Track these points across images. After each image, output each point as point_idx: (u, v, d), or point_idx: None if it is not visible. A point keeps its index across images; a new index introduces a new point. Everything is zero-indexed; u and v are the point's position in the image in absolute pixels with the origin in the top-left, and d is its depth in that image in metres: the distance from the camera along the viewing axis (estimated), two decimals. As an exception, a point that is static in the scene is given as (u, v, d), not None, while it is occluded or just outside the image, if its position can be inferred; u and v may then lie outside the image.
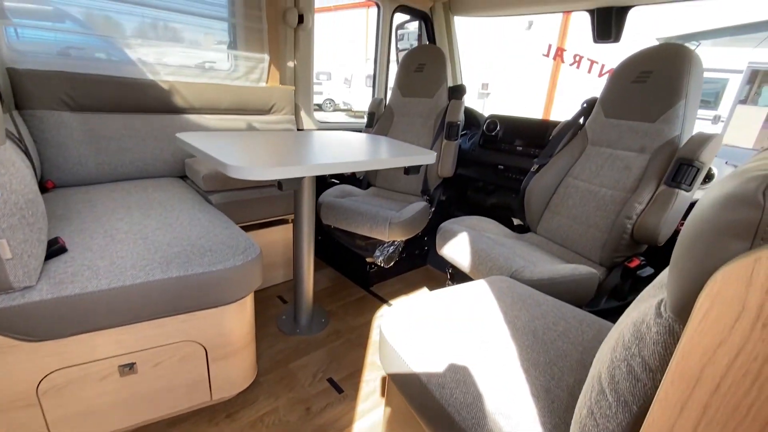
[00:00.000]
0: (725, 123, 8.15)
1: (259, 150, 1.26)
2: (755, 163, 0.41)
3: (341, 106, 15.34)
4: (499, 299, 0.99)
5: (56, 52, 1.59)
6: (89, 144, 1.58)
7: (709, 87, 8.67)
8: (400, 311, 0.92)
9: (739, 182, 0.36)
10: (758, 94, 8.75)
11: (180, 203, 1.43)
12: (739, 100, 8.31)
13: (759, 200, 0.32)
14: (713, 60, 8.61)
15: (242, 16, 1.96)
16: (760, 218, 0.32)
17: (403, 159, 1.32)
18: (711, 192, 0.42)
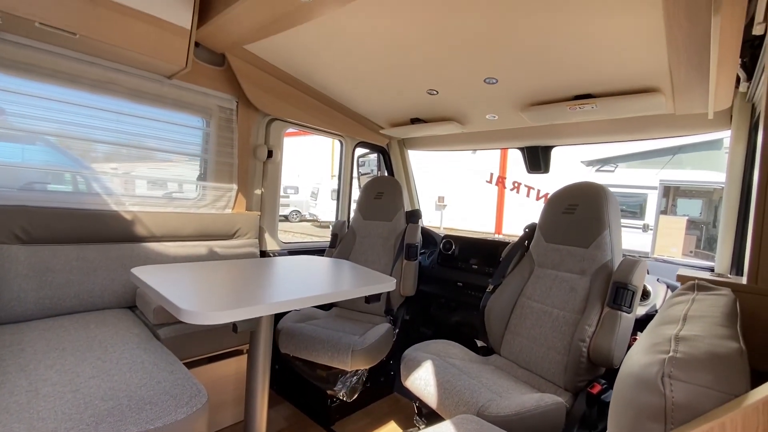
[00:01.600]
0: (653, 231, 9.18)
1: (216, 285, 1.25)
2: (662, 330, 0.47)
3: (307, 217, 15.86)
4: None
5: (18, 187, 1.61)
6: (33, 278, 1.49)
7: (632, 201, 9.94)
8: None
9: (645, 362, 0.41)
10: (674, 205, 10.17)
11: (123, 342, 1.32)
12: (660, 211, 9.55)
13: (659, 388, 0.37)
14: (631, 178, 10.12)
15: (215, 153, 2.13)
16: (664, 405, 0.36)
17: (365, 288, 1.35)
18: (633, 357, 0.47)
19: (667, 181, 9.74)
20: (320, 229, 14.72)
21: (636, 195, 9.92)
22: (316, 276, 1.53)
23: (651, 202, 9.74)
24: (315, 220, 15.59)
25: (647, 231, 9.37)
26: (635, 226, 9.43)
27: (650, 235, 9.21)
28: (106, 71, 1.72)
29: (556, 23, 1.29)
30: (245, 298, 1.10)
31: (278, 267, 1.64)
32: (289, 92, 2.27)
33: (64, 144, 1.73)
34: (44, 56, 1.57)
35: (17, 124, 1.58)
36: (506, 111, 2.11)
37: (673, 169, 10.16)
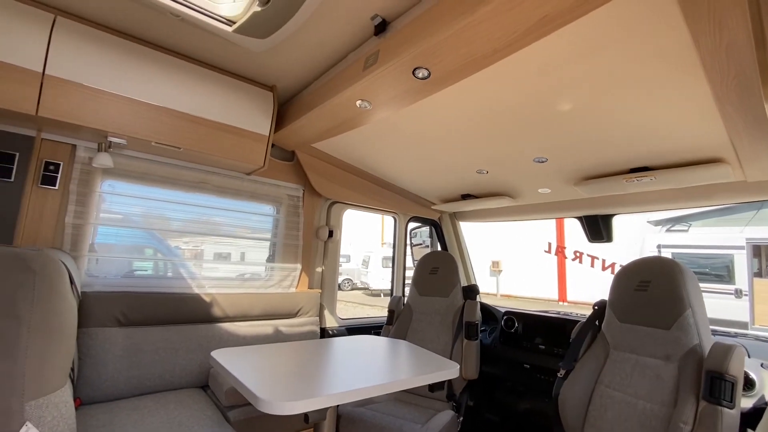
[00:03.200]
0: (749, 296, 8.00)
1: (286, 370, 1.31)
2: None
3: (359, 285, 15.94)
4: None
5: (122, 275, 1.87)
6: (126, 359, 1.66)
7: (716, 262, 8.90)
8: None
9: None
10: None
11: (198, 425, 1.39)
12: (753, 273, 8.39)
13: None
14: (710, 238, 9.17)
15: (282, 236, 2.34)
16: None
17: (428, 377, 1.33)
18: None
19: (756, 240, 8.68)
20: (371, 297, 14.65)
21: (719, 256, 8.90)
22: (377, 360, 1.54)
23: (739, 264, 8.65)
24: (366, 288, 15.63)
25: (741, 297, 8.19)
26: (726, 291, 8.32)
27: (745, 301, 8.03)
28: (200, 173, 2.04)
29: (604, 102, 1.36)
30: (315, 387, 1.14)
31: (340, 350, 1.68)
32: (348, 178, 2.49)
33: (161, 234, 2.02)
34: (155, 166, 1.91)
35: (129, 219, 1.90)
36: (559, 185, 2.13)
37: (759, 225, 9.10)
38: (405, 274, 3.01)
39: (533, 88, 1.31)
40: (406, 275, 3.01)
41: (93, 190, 1.76)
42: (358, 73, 1.41)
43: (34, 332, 0.84)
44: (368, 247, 16.54)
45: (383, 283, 15.11)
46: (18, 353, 0.81)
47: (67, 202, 1.69)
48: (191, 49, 1.71)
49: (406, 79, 1.31)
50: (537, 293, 11.36)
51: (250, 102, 1.92)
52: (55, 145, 1.67)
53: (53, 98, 1.44)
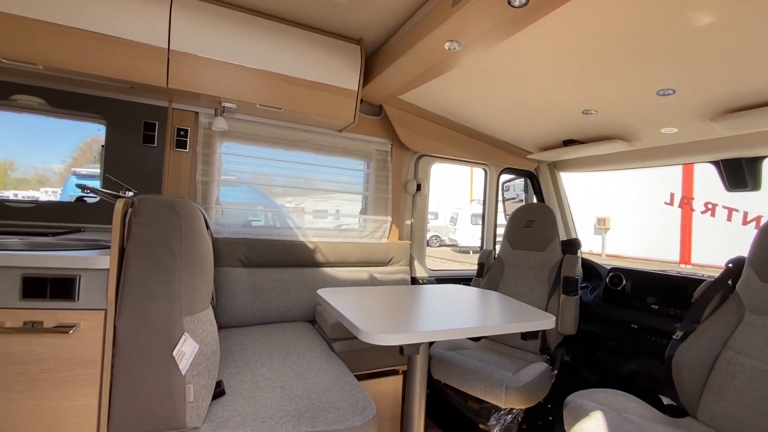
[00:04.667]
0: None
1: (382, 309, 1.41)
2: None
3: (447, 242, 16.00)
4: None
5: (241, 224, 2.17)
6: (250, 293, 1.97)
7: None
8: None
9: None
10: None
11: (310, 350, 1.61)
12: None
13: None
14: None
15: (373, 190, 2.43)
16: None
17: (522, 325, 1.32)
18: None
19: None
20: (459, 254, 14.64)
21: None
22: (469, 307, 1.56)
23: None
24: (455, 245, 15.61)
25: None
26: None
27: None
28: (298, 132, 2.20)
29: (757, 11, 1.07)
30: (410, 324, 1.22)
31: (431, 295, 1.74)
32: (436, 130, 2.44)
33: (267, 190, 2.27)
34: (260, 127, 2.12)
35: (242, 177, 2.16)
36: (689, 122, 1.79)
37: None
38: (496, 229, 2.92)
39: (659, 1, 1.08)
40: (497, 231, 2.92)
41: (214, 151, 2.03)
42: (446, 10, 1.32)
43: (185, 263, 1.04)
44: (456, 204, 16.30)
45: (472, 240, 14.92)
46: (175, 279, 1.02)
47: (196, 163, 1.99)
48: (283, 8, 1.78)
49: (500, 10, 1.19)
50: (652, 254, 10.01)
51: (340, 58, 1.96)
52: (183, 113, 1.95)
53: (178, 71, 1.66)
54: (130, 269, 0.99)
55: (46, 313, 0.96)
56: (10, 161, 3.61)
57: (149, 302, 1.00)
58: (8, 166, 3.42)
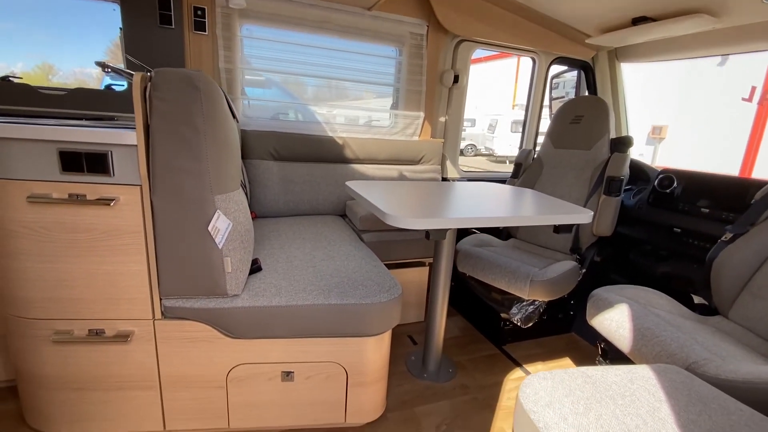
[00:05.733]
0: None
1: (410, 200, 1.39)
2: None
3: (483, 152, 15.38)
4: (669, 395, 0.82)
5: (269, 117, 2.12)
6: (282, 186, 2.00)
7: None
8: (543, 382, 0.86)
9: None
10: None
11: (340, 239, 1.67)
12: None
13: None
14: None
15: (405, 81, 2.24)
16: None
17: (555, 217, 1.26)
18: None
19: None
20: (496, 164, 14.15)
21: None
22: (501, 201, 1.51)
23: None
24: (491, 154, 15.01)
25: None
26: None
27: None
28: (322, 11, 1.98)
29: None
30: (436, 213, 1.20)
31: (462, 190, 1.70)
32: (479, 8, 2.12)
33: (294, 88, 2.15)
34: (281, 4, 1.91)
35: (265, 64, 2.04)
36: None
37: None
38: (538, 129, 2.70)
39: None
40: (539, 130, 2.70)
41: (234, 34, 1.89)
42: None
43: (210, 140, 1.02)
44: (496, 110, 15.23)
45: (510, 150, 14.23)
46: (201, 155, 1.02)
47: (217, 47, 1.87)
48: None
49: None
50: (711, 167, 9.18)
51: None
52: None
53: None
54: (158, 146, 0.99)
55: (87, 186, 1.01)
56: (49, 65, 3.61)
57: (180, 179, 1.01)
58: (48, 69, 3.43)
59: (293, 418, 1.27)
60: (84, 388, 1.15)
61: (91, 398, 1.16)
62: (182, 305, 1.12)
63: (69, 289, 1.07)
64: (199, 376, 1.18)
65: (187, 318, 1.13)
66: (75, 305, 1.09)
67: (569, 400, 0.78)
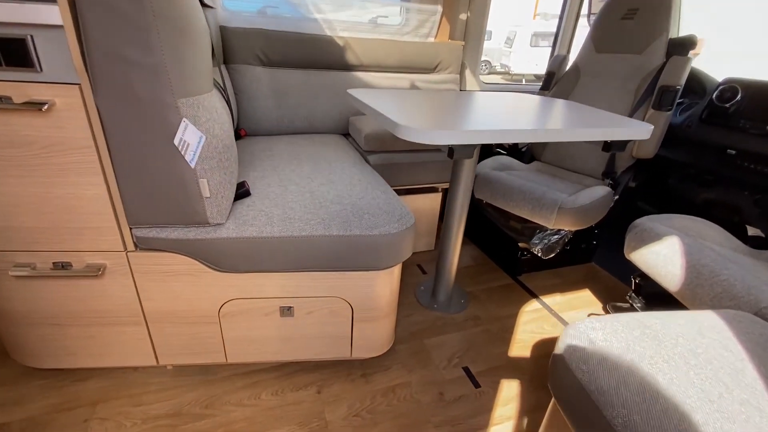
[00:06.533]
0: None
1: (427, 111, 1.14)
2: None
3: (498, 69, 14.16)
4: (749, 351, 0.67)
5: (256, 11, 1.75)
6: (273, 98, 1.72)
7: None
8: (593, 333, 0.70)
9: None
10: None
11: (342, 161, 1.45)
12: None
13: None
14: None
15: (420, -37, 1.81)
16: None
17: (609, 131, 1.02)
18: None
19: None
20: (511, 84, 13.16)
21: None
22: (536, 114, 1.25)
23: None
24: (506, 72, 13.85)
25: None
26: None
27: None
28: None
29: None
30: (459, 125, 0.96)
31: (487, 101, 1.42)
32: None
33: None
34: None
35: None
36: None
37: None
38: (575, 28, 2.28)
39: None
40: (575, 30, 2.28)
41: None
42: None
43: (162, 21, 0.75)
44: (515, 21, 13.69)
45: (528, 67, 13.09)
46: (151, 41, 0.75)
47: None
48: None
49: None
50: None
51: None
52: None
53: None
54: (89, 26, 0.73)
55: (9, 86, 0.77)
56: None
57: (127, 72, 0.77)
58: None
59: (295, 352, 1.18)
60: (62, 324, 1.04)
61: (72, 333, 1.06)
62: (156, 235, 0.95)
63: (19, 217, 0.89)
64: (187, 311, 1.06)
65: (165, 250, 0.97)
66: (32, 235, 0.92)
67: (629, 357, 0.63)
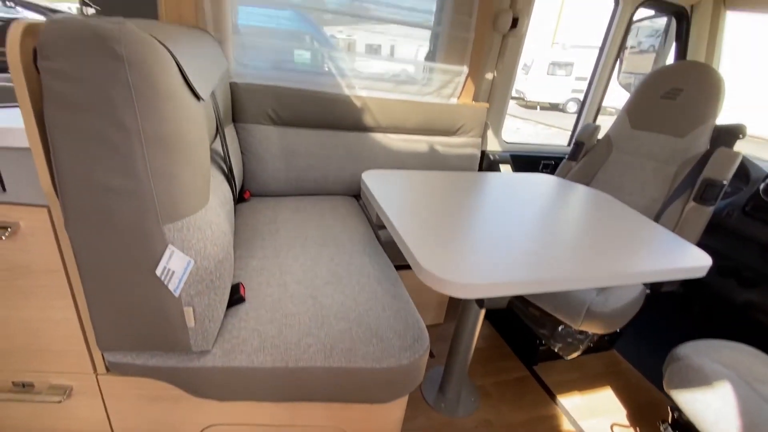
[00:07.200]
0: None
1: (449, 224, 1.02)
2: None
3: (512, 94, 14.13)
4: None
5: (270, 65, 1.65)
6: (283, 159, 1.61)
7: None
8: None
9: None
10: None
11: (351, 241, 1.32)
12: None
13: None
14: None
15: (448, 24, 1.71)
16: None
17: (662, 272, 0.88)
18: None
19: None
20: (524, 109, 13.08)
21: None
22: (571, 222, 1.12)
23: None
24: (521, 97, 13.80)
25: None
26: None
27: None
28: None
29: None
30: (493, 261, 0.83)
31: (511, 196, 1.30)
32: None
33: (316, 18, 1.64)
34: None
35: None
36: None
37: None
38: (606, 91, 2.16)
39: None
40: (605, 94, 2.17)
41: (221, -55, 1.37)
42: None
43: (151, 146, 0.64)
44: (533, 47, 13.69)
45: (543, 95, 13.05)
46: (137, 167, 0.64)
47: (199, -36, 1.36)
48: None
49: None
50: None
51: None
52: None
53: None
54: (61, 150, 0.61)
55: (-33, 205, 0.65)
56: None
57: (105, 199, 0.65)
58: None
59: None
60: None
61: (31, 450, 0.93)
62: (131, 361, 0.82)
63: (-25, 335, 0.77)
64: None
65: (141, 375, 0.84)
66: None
67: None
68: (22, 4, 0.98)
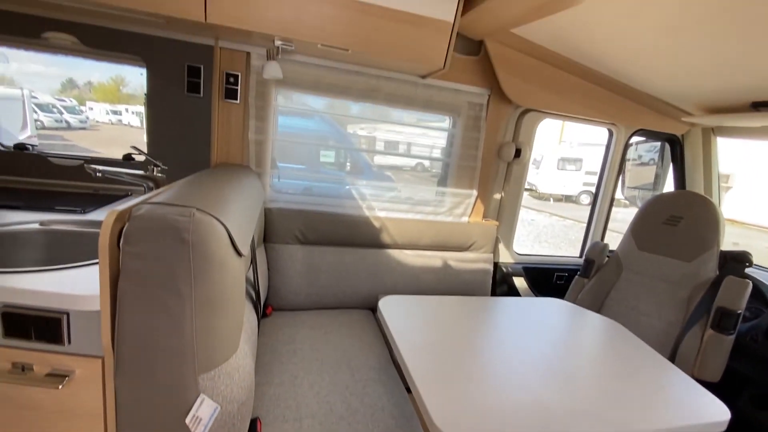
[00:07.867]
0: None
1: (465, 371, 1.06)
2: None
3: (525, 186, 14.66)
4: None
5: (301, 191, 1.86)
6: (305, 276, 1.72)
7: None
8: None
9: None
10: None
11: (366, 365, 1.35)
12: None
13: None
14: None
15: (457, 156, 1.93)
16: None
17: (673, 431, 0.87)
18: None
19: None
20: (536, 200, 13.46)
21: None
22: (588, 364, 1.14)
23: None
24: (533, 189, 14.31)
25: None
26: None
27: None
28: (370, 79, 1.72)
29: None
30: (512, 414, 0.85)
31: (525, 329, 1.34)
32: (550, 76, 1.79)
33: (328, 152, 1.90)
34: (324, 72, 1.67)
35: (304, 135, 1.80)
36: None
37: None
38: (610, 210, 2.28)
39: None
40: (611, 211, 2.29)
41: (268, 102, 1.67)
42: None
43: (199, 308, 0.75)
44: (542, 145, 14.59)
45: (555, 187, 13.51)
46: (184, 329, 0.74)
47: (248, 117, 1.65)
48: None
49: None
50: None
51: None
52: (231, 53, 1.57)
53: (219, 2, 1.25)
54: (126, 314, 0.72)
55: (35, 356, 0.75)
56: (121, 77, 3.80)
57: (152, 357, 0.74)
58: (120, 81, 3.62)
59: None
60: None
61: None
62: None
63: (7, 474, 0.81)
64: None
65: None
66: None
67: None
68: (107, 175, 1.22)
